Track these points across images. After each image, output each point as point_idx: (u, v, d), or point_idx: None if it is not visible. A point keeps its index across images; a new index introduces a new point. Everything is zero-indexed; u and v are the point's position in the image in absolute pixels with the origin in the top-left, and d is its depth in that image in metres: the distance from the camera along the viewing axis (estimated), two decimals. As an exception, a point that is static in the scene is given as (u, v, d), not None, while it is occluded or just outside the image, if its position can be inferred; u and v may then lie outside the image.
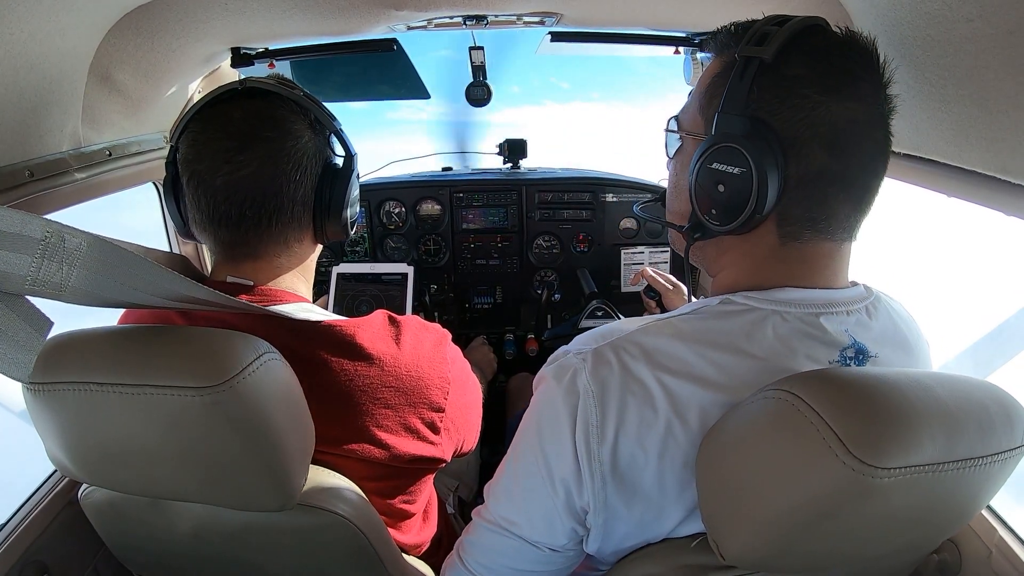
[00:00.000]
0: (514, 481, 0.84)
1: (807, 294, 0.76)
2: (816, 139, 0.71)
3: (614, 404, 0.75)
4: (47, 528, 1.14)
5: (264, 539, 0.91)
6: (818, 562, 0.66)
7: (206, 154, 0.91)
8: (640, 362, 0.75)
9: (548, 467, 0.79)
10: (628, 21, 1.66)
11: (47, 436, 0.82)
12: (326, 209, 0.99)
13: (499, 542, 0.85)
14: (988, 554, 0.96)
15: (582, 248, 2.27)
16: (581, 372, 0.77)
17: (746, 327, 0.75)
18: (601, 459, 0.75)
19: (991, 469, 0.60)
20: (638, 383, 0.75)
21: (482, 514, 0.89)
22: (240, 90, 0.95)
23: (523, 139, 2.33)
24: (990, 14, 0.73)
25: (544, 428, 0.80)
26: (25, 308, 0.59)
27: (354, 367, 0.92)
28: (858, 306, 0.78)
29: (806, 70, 0.72)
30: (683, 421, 0.73)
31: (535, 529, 0.83)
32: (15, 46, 0.88)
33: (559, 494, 0.79)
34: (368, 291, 1.59)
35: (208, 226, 0.94)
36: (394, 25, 1.52)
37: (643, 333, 0.78)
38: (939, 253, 2.79)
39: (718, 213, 0.77)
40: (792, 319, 0.75)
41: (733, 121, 0.75)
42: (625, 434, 0.74)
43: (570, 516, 0.80)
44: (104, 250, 0.62)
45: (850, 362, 0.76)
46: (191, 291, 0.72)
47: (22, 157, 1.03)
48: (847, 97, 0.71)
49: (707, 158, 0.77)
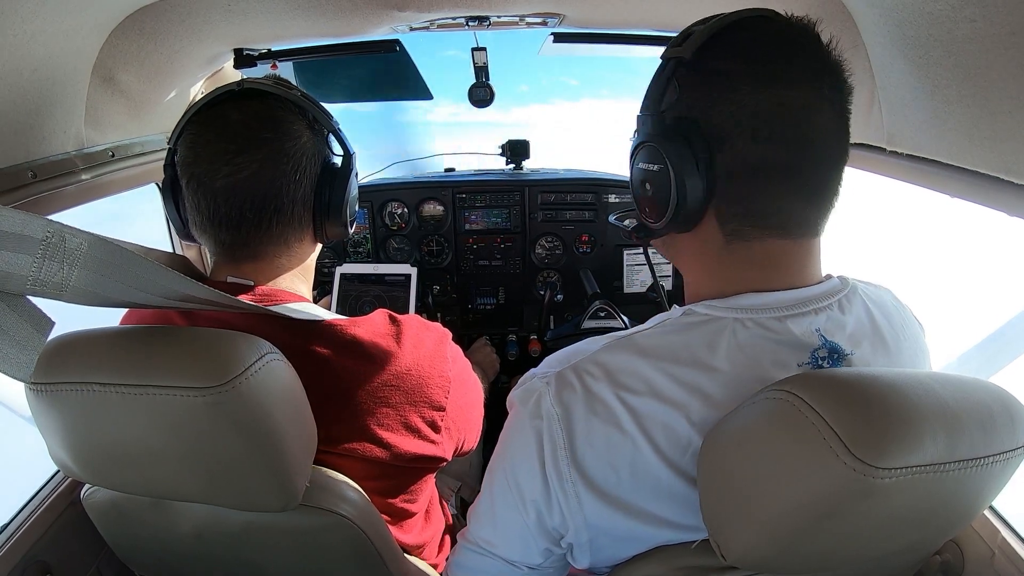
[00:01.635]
0: (490, 504, 0.86)
1: (768, 298, 0.74)
2: (743, 130, 0.70)
3: (580, 426, 0.75)
4: (49, 528, 1.14)
5: (266, 539, 0.92)
6: (820, 563, 0.66)
7: (204, 156, 0.91)
8: (602, 383, 0.75)
9: (519, 489, 0.80)
10: (631, 22, 1.66)
11: (50, 436, 0.82)
12: (326, 208, 1.00)
13: (481, 563, 0.88)
14: (991, 555, 0.95)
15: (585, 249, 2.27)
16: (545, 396, 0.78)
17: (707, 338, 0.74)
18: (573, 479, 0.75)
19: (993, 469, 0.60)
20: (602, 404, 0.74)
21: (465, 536, 0.91)
22: (237, 91, 0.95)
23: (525, 140, 2.33)
24: (993, 15, 0.73)
25: (512, 452, 0.82)
26: (26, 308, 0.60)
27: (355, 366, 0.92)
28: (828, 303, 0.75)
29: (730, 63, 0.71)
30: (649, 439, 0.72)
31: (512, 549, 0.84)
32: (18, 47, 0.88)
33: (530, 515, 0.80)
34: (371, 292, 1.60)
35: (208, 228, 0.94)
36: (396, 26, 1.53)
37: (606, 352, 0.78)
38: (942, 253, 2.78)
39: (650, 211, 0.80)
40: (752, 326, 0.73)
41: (649, 121, 0.77)
42: (595, 455, 0.74)
43: (543, 536, 0.81)
44: (105, 250, 0.62)
45: (823, 363, 0.73)
46: (192, 290, 0.73)
47: (25, 158, 1.04)
48: (775, 83, 0.69)
49: (636, 158, 0.80)
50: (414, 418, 0.96)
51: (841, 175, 0.75)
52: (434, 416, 0.98)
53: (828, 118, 0.71)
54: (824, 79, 0.71)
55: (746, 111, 0.69)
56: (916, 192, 1.08)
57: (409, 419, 0.95)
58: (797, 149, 0.70)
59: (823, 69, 0.71)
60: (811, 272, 0.78)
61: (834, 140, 0.73)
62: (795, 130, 0.70)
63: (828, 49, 0.72)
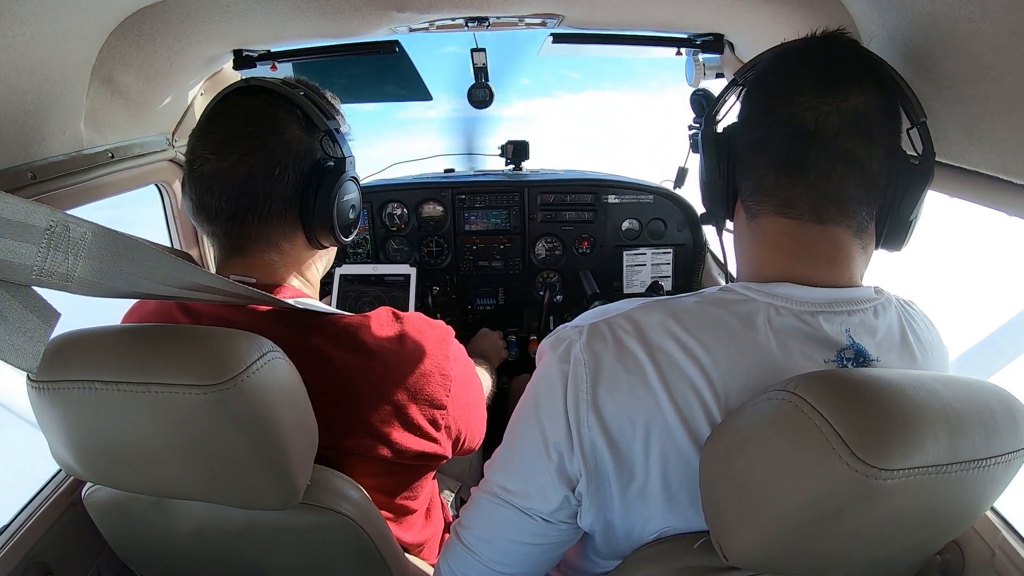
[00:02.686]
0: (511, 450, 0.87)
1: (806, 292, 0.76)
2: (770, 97, 0.80)
3: (605, 374, 0.77)
4: (50, 529, 1.14)
5: (267, 538, 0.92)
6: (822, 563, 0.66)
7: (198, 145, 0.95)
8: (633, 337, 0.77)
9: (543, 433, 0.81)
10: (630, 22, 1.66)
11: (52, 435, 0.82)
12: (311, 210, 0.98)
13: (495, 512, 0.87)
14: (991, 555, 0.95)
15: (584, 249, 2.27)
16: (576, 343, 0.80)
17: (742, 315, 0.76)
18: (590, 424, 0.77)
19: (995, 471, 0.60)
20: (631, 357, 0.76)
21: (481, 486, 0.91)
22: (243, 88, 0.98)
23: (525, 140, 2.33)
24: (992, 15, 0.73)
25: (540, 395, 0.83)
26: (33, 299, 0.60)
27: (357, 362, 0.92)
28: (863, 306, 0.77)
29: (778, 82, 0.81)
30: (671, 397, 0.74)
31: (529, 496, 0.84)
32: (18, 48, 0.88)
33: (552, 459, 0.81)
34: (371, 292, 1.59)
35: (197, 215, 0.96)
36: (396, 27, 1.53)
37: (641, 311, 0.81)
38: (941, 254, 2.78)
39: (707, 201, 0.91)
40: (786, 314, 0.75)
41: (709, 122, 0.90)
42: (615, 404, 0.76)
43: (562, 482, 0.82)
44: (110, 239, 0.62)
45: (848, 363, 0.75)
46: (198, 278, 0.73)
47: (25, 159, 1.04)
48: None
49: (700, 151, 0.90)
50: (415, 415, 0.96)
51: (882, 150, 0.77)
52: (435, 414, 0.98)
53: (866, 87, 0.76)
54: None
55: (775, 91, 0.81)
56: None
57: (410, 416, 0.95)
58: (834, 116, 0.76)
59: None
60: (852, 273, 0.80)
61: (867, 108, 0.76)
62: (836, 88, 0.75)
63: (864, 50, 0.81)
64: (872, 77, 0.77)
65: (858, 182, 0.76)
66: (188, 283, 0.73)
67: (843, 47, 0.79)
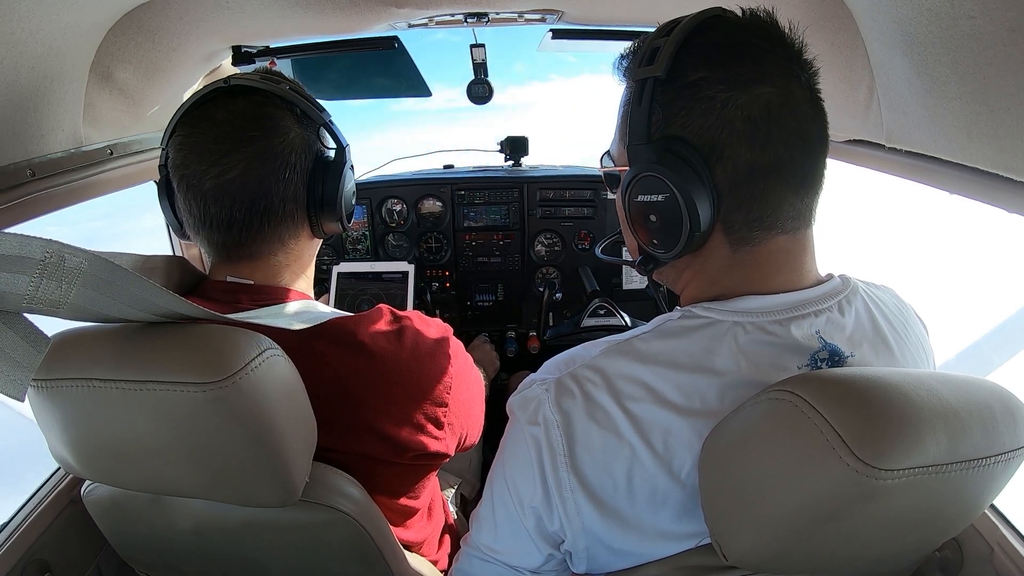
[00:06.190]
0: (491, 510, 0.86)
1: (768, 301, 0.74)
2: (735, 138, 0.69)
3: (579, 433, 0.75)
4: (49, 526, 1.14)
5: (266, 535, 0.92)
6: (821, 563, 0.66)
7: (192, 158, 0.91)
8: (602, 389, 0.75)
9: (519, 496, 0.80)
10: (629, 19, 1.66)
11: (50, 432, 0.82)
12: (319, 203, 0.99)
13: (484, 569, 0.88)
14: (990, 552, 0.96)
15: (584, 246, 2.27)
16: (544, 403, 0.78)
17: (706, 343, 0.73)
18: (572, 486, 0.75)
19: (995, 469, 0.60)
20: (601, 411, 0.74)
21: (468, 542, 0.91)
22: (225, 88, 0.95)
23: (524, 136, 2.33)
24: (992, 11, 0.72)
25: (512, 459, 0.82)
26: (23, 325, 0.59)
27: (356, 362, 0.92)
28: (828, 304, 0.75)
29: (704, 71, 0.70)
30: (648, 446, 0.72)
31: (513, 555, 0.84)
32: (16, 45, 0.88)
33: (530, 520, 0.80)
34: (369, 289, 1.59)
35: (201, 229, 0.94)
36: (395, 23, 1.53)
37: (605, 357, 0.78)
38: (941, 250, 2.78)
39: (660, 242, 0.76)
40: (752, 329, 0.73)
41: (642, 150, 0.74)
42: (593, 461, 0.74)
43: (544, 541, 0.81)
44: (104, 268, 0.61)
45: (822, 364, 0.73)
46: (182, 308, 0.72)
47: (23, 156, 1.03)
48: (754, 83, 0.69)
49: (632, 191, 0.76)
50: (417, 414, 0.96)
51: (825, 159, 0.75)
52: (437, 412, 0.98)
53: (807, 105, 0.71)
54: (794, 67, 0.71)
55: (736, 117, 0.69)
56: (915, 189, 1.08)
57: (412, 415, 0.95)
58: (784, 145, 0.70)
59: (792, 57, 0.71)
60: (809, 270, 0.78)
61: (816, 126, 0.72)
62: (782, 127, 0.69)
63: (791, 35, 0.72)
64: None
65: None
66: (172, 312, 0.73)
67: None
